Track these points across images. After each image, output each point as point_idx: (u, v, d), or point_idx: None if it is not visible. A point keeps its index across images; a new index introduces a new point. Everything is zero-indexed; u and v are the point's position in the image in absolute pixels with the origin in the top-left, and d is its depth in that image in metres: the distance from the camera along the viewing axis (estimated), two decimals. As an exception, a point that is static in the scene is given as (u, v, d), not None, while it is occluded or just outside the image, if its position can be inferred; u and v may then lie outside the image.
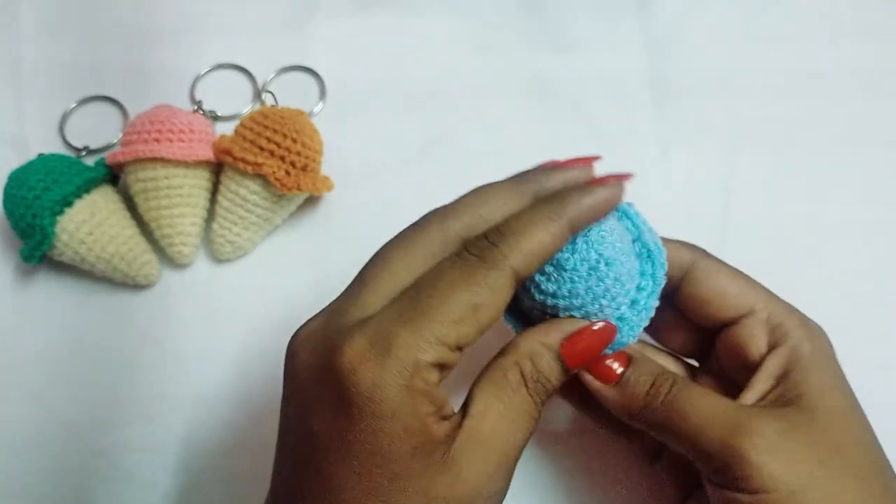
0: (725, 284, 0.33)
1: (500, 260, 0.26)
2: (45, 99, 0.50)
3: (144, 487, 0.41)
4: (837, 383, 0.31)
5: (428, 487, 0.25)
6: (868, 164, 0.48)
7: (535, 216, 0.27)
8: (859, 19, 0.53)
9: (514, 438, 0.28)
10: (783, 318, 0.32)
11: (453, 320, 0.25)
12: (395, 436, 0.25)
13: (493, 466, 0.27)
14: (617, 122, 0.50)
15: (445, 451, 0.26)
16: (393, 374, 0.25)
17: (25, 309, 0.45)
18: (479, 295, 0.26)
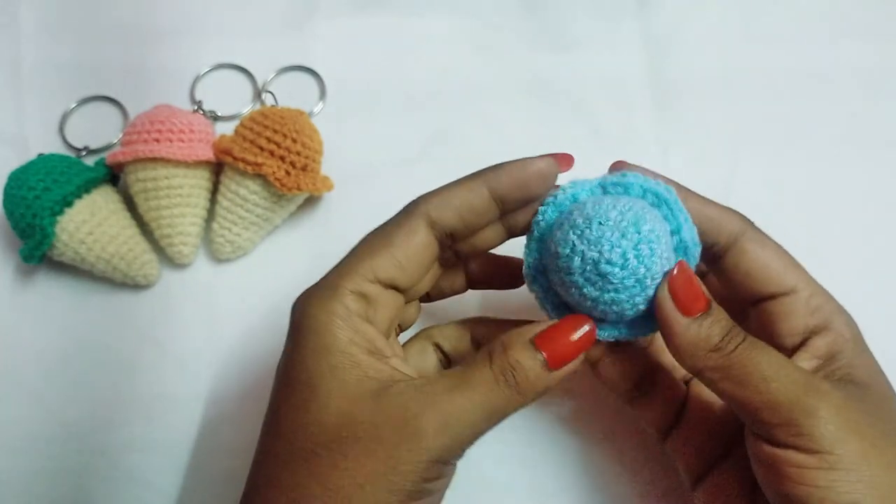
0: (770, 259, 0.32)
1: (414, 207, 0.31)
2: (45, 99, 0.50)
3: (144, 487, 0.41)
4: (878, 367, 0.31)
5: (351, 409, 0.28)
6: (868, 164, 0.48)
7: (460, 178, 0.32)
8: (859, 19, 0.53)
9: (461, 407, 0.28)
10: (823, 302, 0.32)
11: (370, 256, 0.30)
12: (315, 351, 0.29)
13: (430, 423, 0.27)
14: (617, 122, 0.50)
15: (379, 387, 0.28)
16: (316, 300, 0.30)
17: (25, 309, 0.45)
18: (391, 234, 0.31)
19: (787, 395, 0.28)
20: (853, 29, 0.52)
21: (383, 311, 0.31)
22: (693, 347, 0.29)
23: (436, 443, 0.27)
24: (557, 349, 0.29)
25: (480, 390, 0.28)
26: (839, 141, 0.49)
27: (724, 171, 0.48)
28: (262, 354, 0.44)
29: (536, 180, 0.31)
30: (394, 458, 0.27)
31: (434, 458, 0.27)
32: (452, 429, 0.28)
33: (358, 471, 0.27)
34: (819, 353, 0.31)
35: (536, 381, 0.29)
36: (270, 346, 0.44)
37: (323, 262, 0.45)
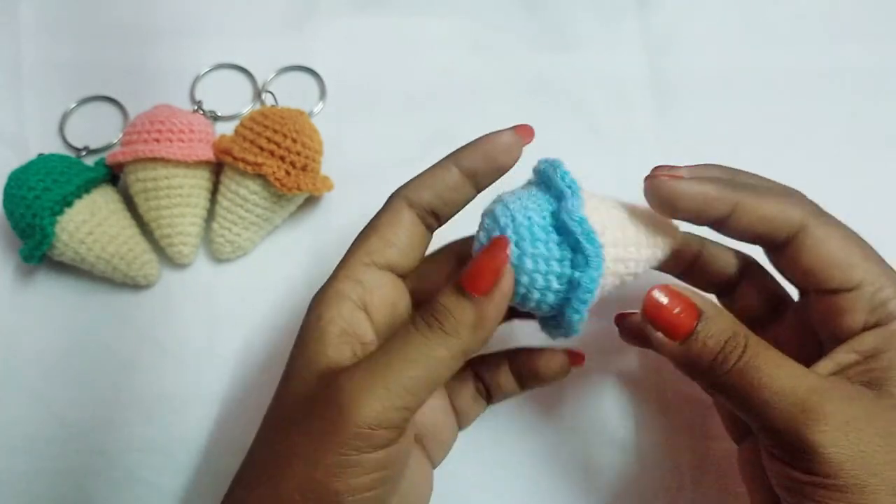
0: (834, 254, 0.30)
1: (393, 195, 0.33)
2: (45, 99, 0.50)
3: (144, 487, 0.41)
4: None
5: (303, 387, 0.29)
6: (868, 164, 0.48)
7: (431, 165, 0.33)
8: (859, 19, 0.53)
9: (387, 369, 0.28)
10: (889, 297, 0.30)
11: (363, 243, 0.32)
12: (300, 332, 0.31)
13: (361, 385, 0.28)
14: (617, 122, 0.50)
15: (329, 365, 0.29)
16: (319, 291, 0.32)
17: (25, 309, 0.45)
18: (378, 220, 0.33)
19: (784, 418, 0.27)
20: (853, 29, 0.52)
21: (380, 293, 0.32)
22: (688, 368, 0.29)
23: (357, 406, 0.27)
24: (477, 279, 0.29)
25: (399, 342, 0.29)
26: (839, 141, 0.49)
27: (724, 171, 0.48)
28: (262, 354, 0.44)
29: (502, 153, 0.32)
30: (314, 430, 0.28)
31: (359, 424, 0.27)
32: (370, 390, 0.27)
33: (293, 447, 0.28)
34: (862, 347, 0.29)
35: (463, 314, 0.29)
36: (270, 346, 0.44)
37: (323, 262, 0.46)
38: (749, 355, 0.28)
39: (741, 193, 0.31)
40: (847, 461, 0.26)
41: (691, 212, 0.31)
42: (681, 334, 0.29)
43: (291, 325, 0.44)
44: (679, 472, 0.40)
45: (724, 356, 0.28)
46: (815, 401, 0.27)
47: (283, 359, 0.32)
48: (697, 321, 0.29)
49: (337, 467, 0.27)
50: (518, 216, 0.30)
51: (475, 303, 0.29)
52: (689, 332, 0.29)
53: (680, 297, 0.29)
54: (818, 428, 0.27)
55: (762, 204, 0.31)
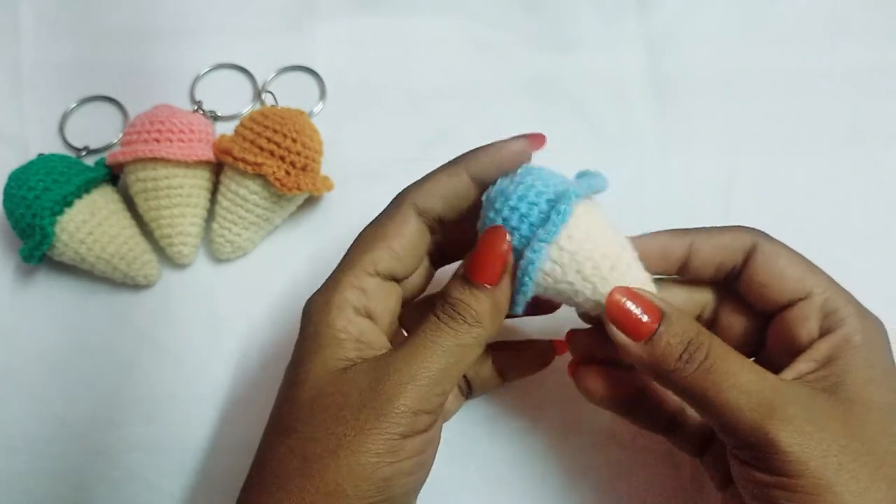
0: (785, 267, 0.32)
1: (401, 198, 0.33)
2: (45, 99, 0.50)
3: (144, 487, 0.41)
4: (885, 378, 0.30)
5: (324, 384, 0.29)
6: (868, 164, 0.48)
7: (440, 166, 0.33)
8: (859, 19, 0.53)
9: (417, 357, 0.29)
10: (840, 305, 0.31)
11: (365, 251, 0.32)
12: (308, 336, 0.31)
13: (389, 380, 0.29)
14: (617, 122, 0.50)
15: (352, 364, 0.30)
16: (320, 294, 0.32)
17: (25, 309, 0.45)
18: (385, 227, 0.32)
19: (747, 420, 0.28)
20: (853, 29, 0.52)
21: (383, 302, 0.33)
22: (651, 370, 0.30)
23: (400, 396, 0.28)
24: (480, 263, 0.30)
25: (430, 334, 0.30)
26: (839, 141, 0.49)
27: (724, 170, 0.48)
28: (262, 354, 0.44)
29: (511, 160, 0.32)
30: (361, 420, 0.28)
31: (403, 411, 0.28)
32: (413, 375, 0.29)
33: (329, 439, 0.28)
34: (818, 354, 0.30)
35: (478, 303, 0.30)
36: (270, 346, 0.44)
37: (323, 262, 0.45)
38: (713, 356, 0.29)
39: (693, 233, 0.33)
40: (812, 460, 0.27)
41: (654, 260, 0.32)
42: (643, 334, 0.29)
43: (291, 325, 0.44)
44: (679, 472, 0.40)
45: (688, 356, 0.29)
46: (779, 400, 0.28)
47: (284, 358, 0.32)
48: (660, 322, 0.30)
49: (385, 453, 0.28)
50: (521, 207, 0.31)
51: (488, 293, 0.30)
52: (651, 332, 0.29)
53: (641, 298, 0.30)
54: (783, 427, 0.27)
55: (714, 236, 0.33)
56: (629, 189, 0.47)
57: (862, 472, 0.27)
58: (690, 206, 0.47)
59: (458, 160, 0.33)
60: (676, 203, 0.47)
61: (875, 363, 0.30)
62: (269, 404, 0.32)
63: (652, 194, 0.47)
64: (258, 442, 0.32)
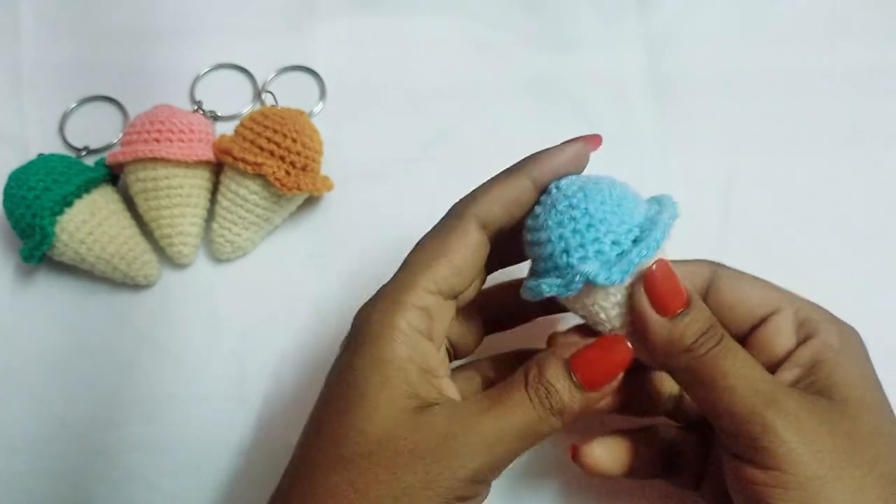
0: (749, 289, 0.33)
1: (462, 209, 0.31)
2: (45, 99, 0.50)
3: (144, 487, 0.41)
4: (868, 378, 0.30)
5: (395, 423, 0.28)
6: (868, 164, 0.48)
7: (499, 174, 0.31)
8: (859, 19, 0.53)
9: (496, 427, 0.28)
10: (811, 314, 0.32)
11: (427, 266, 0.30)
12: (371, 362, 0.29)
13: (467, 442, 0.28)
14: (617, 122, 0.50)
15: (424, 405, 0.28)
16: (379, 313, 0.30)
17: (25, 309, 0.45)
18: (446, 241, 0.30)
19: (748, 405, 0.28)
20: (853, 29, 0.52)
21: (442, 323, 0.31)
22: (667, 346, 0.29)
23: (472, 462, 0.28)
24: (592, 370, 0.29)
25: (515, 411, 0.28)
26: (839, 141, 0.49)
27: (724, 170, 0.48)
28: (262, 354, 0.44)
29: (571, 165, 0.32)
30: (431, 475, 0.27)
31: (470, 477, 0.28)
32: (488, 448, 0.28)
33: (395, 483, 0.27)
34: (802, 361, 0.31)
35: (571, 402, 0.29)
36: (270, 346, 0.44)
37: (323, 262, 0.46)
38: (724, 344, 0.29)
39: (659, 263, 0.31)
40: (806, 454, 0.27)
41: None
42: (671, 310, 0.29)
43: (291, 325, 0.44)
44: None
45: (704, 339, 0.29)
46: (779, 393, 0.28)
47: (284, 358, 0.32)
48: (687, 304, 0.29)
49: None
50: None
51: (585, 395, 0.29)
52: (677, 311, 0.29)
53: (677, 279, 0.30)
54: (781, 416, 0.27)
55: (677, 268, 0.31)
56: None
57: (856, 473, 0.27)
58: (690, 207, 0.46)
59: (518, 166, 0.32)
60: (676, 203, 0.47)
61: (856, 364, 0.30)
62: (270, 404, 0.32)
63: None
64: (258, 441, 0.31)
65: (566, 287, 0.29)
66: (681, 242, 0.32)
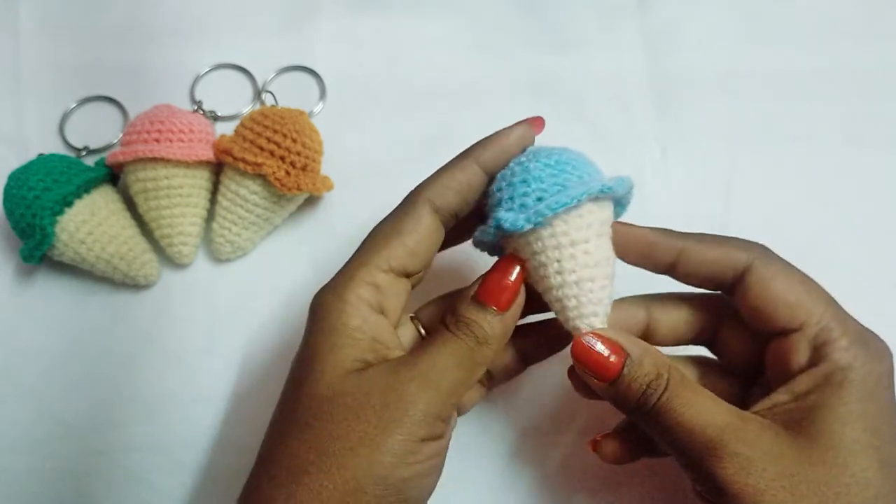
0: (779, 294, 0.31)
1: (415, 195, 0.33)
2: (45, 99, 0.50)
3: (144, 487, 0.41)
4: (864, 417, 0.28)
5: (342, 382, 0.30)
6: (868, 165, 0.48)
7: (450, 161, 0.34)
8: (859, 19, 0.53)
9: (435, 363, 0.30)
10: (831, 338, 0.30)
11: (380, 247, 0.32)
12: (321, 332, 0.31)
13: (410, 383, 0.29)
14: (617, 122, 0.50)
15: (369, 365, 0.30)
16: (331, 290, 0.32)
17: (25, 309, 0.45)
18: (400, 223, 0.32)
19: (698, 456, 0.28)
20: (853, 29, 0.52)
21: (395, 299, 0.33)
22: (619, 406, 0.31)
23: (420, 399, 0.29)
24: (495, 292, 0.31)
25: (445, 348, 0.31)
26: (839, 141, 0.49)
27: (723, 170, 0.48)
28: (262, 354, 0.44)
29: (517, 147, 0.33)
30: (384, 419, 0.29)
31: (423, 413, 0.29)
32: (431, 384, 0.30)
33: (349, 435, 0.29)
34: (797, 388, 0.30)
35: (490, 327, 0.31)
36: (271, 346, 0.44)
37: (323, 262, 0.46)
38: (667, 396, 0.30)
39: (686, 240, 0.32)
40: (750, 498, 0.27)
41: (639, 255, 0.33)
42: (609, 377, 0.30)
43: (292, 325, 0.44)
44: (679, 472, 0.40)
45: (645, 398, 0.30)
46: (723, 439, 0.28)
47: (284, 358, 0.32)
48: (624, 364, 0.30)
49: (404, 453, 0.29)
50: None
51: (499, 317, 0.31)
52: (616, 374, 0.30)
53: (608, 341, 0.31)
54: (721, 465, 0.28)
55: (707, 248, 0.32)
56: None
57: (813, 501, 0.27)
58: (690, 206, 0.47)
59: (466, 153, 0.33)
60: (676, 203, 0.47)
61: (855, 400, 0.29)
62: (270, 404, 0.32)
63: (652, 194, 0.47)
64: (259, 441, 0.32)
65: (487, 232, 0.32)
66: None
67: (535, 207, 0.30)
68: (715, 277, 0.32)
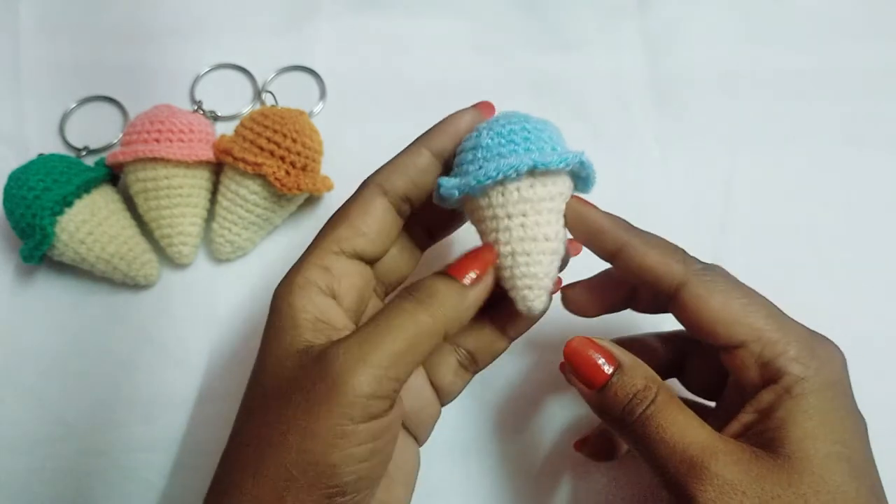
0: (716, 311, 0.30)
1: (365, 181, 0.34)
2: (45, 99, 0.50)
3: (144, 487, 0.41)
4: (827, 428, 0.29)
5: (281, 368, 0.29)
6: (868, 165, 0.48)
7: (403, 149, 0.34)
8: (859, 19, 0.53)
9: (377, 342, 0.29)
10: (777, 353, 0.30)
11: (332, 230, 0.32)
12: (270, 321, 0.31)
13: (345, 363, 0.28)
14: (617, 122, 0.50)
15: (310, 347, 0.30)
16: (285, 279, 0.32)
17: (25, 309, 0.45)
18: (347, 208, 0.33)
19: (673, 477, 0.28)
20: (853, 29, 0.52)
21: (348, 281, 0.32)
22: (603, 415, 0.31)
23: (349, 376, 0.28)
24: (465, 271, 0.31)
25: (385, 315, 0.30)
26: (839, 141, 0.49)
27: (723, 170, 0.48)
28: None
29: (466, 130, 0.34)
30: (309, 403, 0.28)
31: (351, 394, 0.28)
32: (364, 361, 0.28)
33: (300, 413, 0.28)
34: (760, 406, 0.30)
35: (448, 299, 0.30)
36: (270, 346, 0.44)
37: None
38: (653, 409, 0.29)
39: (632, 237, 0.32)
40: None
41: (587, 233, 0.33)
42: (597, 384, 0.30)
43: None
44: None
45: (631, 407, 0.29)
46: (704, 460, 0.28)
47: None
48: (614, 372, 0.30)
49: (333, 437, 0.27)
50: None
51: (455, 282, 0.31)
52: (604, 381, 0.30)
53: (599, 347, 0.31)
54: (700, 487, 0.27)
55: (648, 251, 0.31)
56: (629, 189, 0.47)
57: None
58: (690, 206, 0.47)
59: (417, 140, 0.34)
60: (676, 203, 0.47)
61: (816, 412, 0.29)
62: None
63: (652, 194, 0.47)
64: None
65: (434, 195, 0.33)
66: (681, 242, 0.33)
67: (469, 175, 0.31)
68: (651, 282, 0.32)
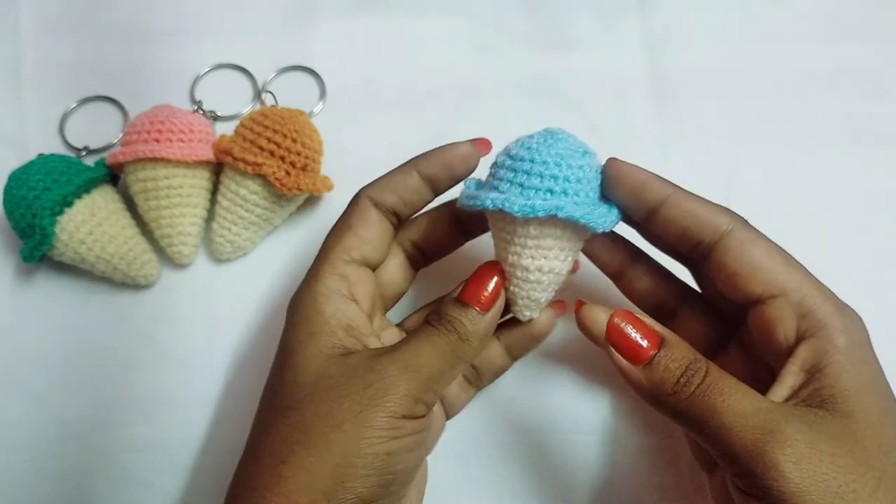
0: (758, 258, 0.31)
1: (358, 194, 0.36)
2: (45, 99, 0.50)
3: (144, 487, 0.41)
4: (874, 382, 0.29)
5: (325, 367, 0.31)
6: (868, 164, 0.48)
7: (395, 167, 0.36)
8: (859, 19, 0.53)
9: (417, 352, 0.32)
10: (817, 304, 0.30)
11: (337, 241, 0.34)
12: (298, 324, 0.33)
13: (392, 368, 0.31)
14: (617, 121, 0.50)
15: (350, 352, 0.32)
16: (303, 287, 0.34)
17: (25, 309, 0.45)
18: (349, 218, 0.35)
19: (745, 443, 0.27)
20: (853, 29, 0.52)
21: (363, 287, 0.35)
22: (649, 394, 0.30)
23: (400, 380, 0.30)
24: (476, 293, 0.33)
25: (430, 340, 0.32)
26: (839, 141, 0.49)
27: (723, 170, 0.48)
28: (261, 354, 0.44)
29: (459, 162, 0.35)
30: (366, 398, 0.30)
31: (402, 395, 0.30)
32: (413, 368, 0.31)
33: (335, 413, 0.30)
34: (805, 365, 0.30)
35: (473, 325, 0.33)
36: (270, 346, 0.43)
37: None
38: (710, 380, 0.29)
39: (676, 189, 0.33)
40: (813, 486, 0.26)
41: (630, 189, 0.33)
42: (643, 359, 0.30)
43: (291, 325, 0.44)
44: (678, 472, 0.40)
45: (686, 380, 0.29)
46: (776, 424, 0.27)
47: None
48: (659, 347, 0.30)
49: (389, 429, 0.30)
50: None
51: (481, 316, 0.33)
52: (650, 357, 0.30)
53: (641, 323, 0.31)
54: (781, 450, 0.27)
55: (692, 201, 0.33)
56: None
57: (863, 492, 0.26)
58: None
59: (410, 161, 0.36)
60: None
61: (862, 367, 0.29)
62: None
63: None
64: None
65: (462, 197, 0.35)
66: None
67: (514, 197, 0.32)
68: (693, 232, 0.32)
